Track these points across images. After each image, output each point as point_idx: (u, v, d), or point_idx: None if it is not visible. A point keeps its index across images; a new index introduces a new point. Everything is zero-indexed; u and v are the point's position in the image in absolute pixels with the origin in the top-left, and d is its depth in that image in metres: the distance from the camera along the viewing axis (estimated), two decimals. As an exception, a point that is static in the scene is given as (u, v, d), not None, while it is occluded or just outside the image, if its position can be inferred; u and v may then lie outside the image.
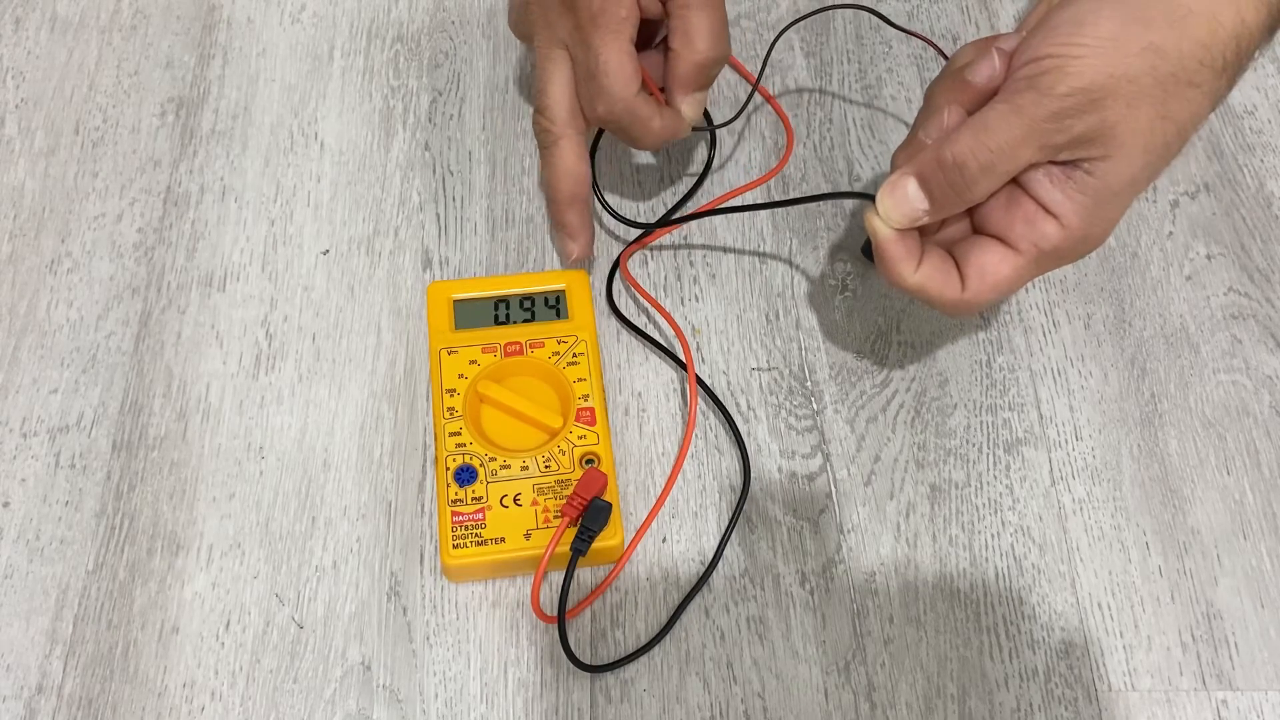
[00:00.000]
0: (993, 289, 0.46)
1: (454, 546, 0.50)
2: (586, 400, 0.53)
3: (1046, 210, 0.45)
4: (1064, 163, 0.44)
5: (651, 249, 0.60)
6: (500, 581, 0.51)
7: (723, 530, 0.52)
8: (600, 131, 0.60)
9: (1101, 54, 0.42)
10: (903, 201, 0.46)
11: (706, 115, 0.62)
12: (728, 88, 0.66)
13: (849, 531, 0.52)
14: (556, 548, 0.49)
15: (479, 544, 0.50)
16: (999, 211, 0.46)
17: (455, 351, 0.55)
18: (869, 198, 0.47)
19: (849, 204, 0.61)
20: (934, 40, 0.61)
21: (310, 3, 0.69)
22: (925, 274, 0.47)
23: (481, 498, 0.51)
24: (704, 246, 0.60)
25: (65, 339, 0.57)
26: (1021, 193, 0.45)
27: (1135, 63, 0.42)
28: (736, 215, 0.61)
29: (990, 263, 0.46)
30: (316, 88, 0.66)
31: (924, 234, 0.48)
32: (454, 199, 0.62)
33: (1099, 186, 0.44)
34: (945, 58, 0.51)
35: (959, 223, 0.48)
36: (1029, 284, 0.59)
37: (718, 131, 0.63)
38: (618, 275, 0.58)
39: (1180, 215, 0.61)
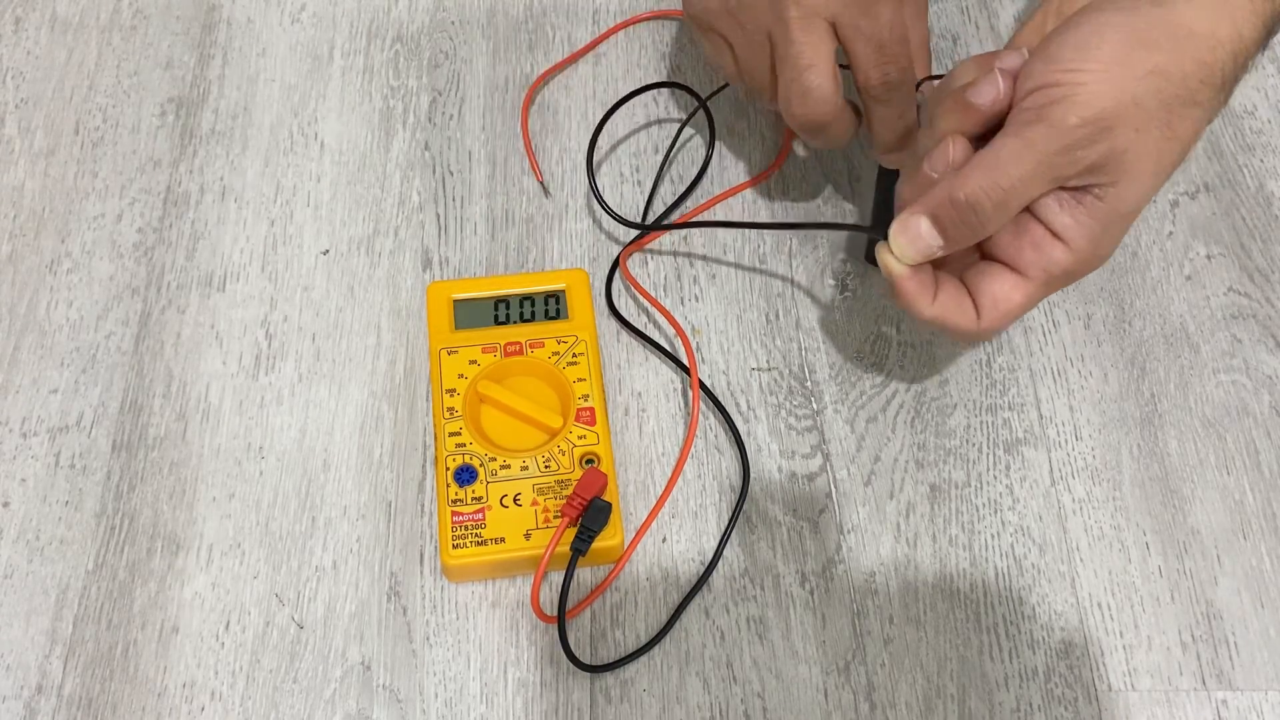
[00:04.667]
0: (1005, 316, 0.46)
1: (454, 546, 0.50)
2: (586, 400, 0.53)
3: (1055, 235, 0.45)
4: (1073, 188, 0.44)
5: (651, 249, 0.60)
6: (500, 581, 0.51)
7: (723, 530, 0.52)
8: (600, 125, 0.60)
9: (1107, 79, 0.42)
10: (916, 239, 0.45)
11: (709, 111, 0.61)
12: (728, 89, 0.65)
13: (849, 531, 0.52)
14: (556, 548, 0.49)
15: (479, 544, 0.50)
16: (1007, 238, 0.46)
17: (455, 351, 0.55)
18: (875, 232, 0.47)
19: (849, 206, 0.61)
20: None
21: (310, 3, 0.69)
22: (941, 306, 0.47)
23: (481, 498, 0.51)
24: (704, 246, 0.60)
25: (65, 339, 0.57)
26: (1029, 217, 0.45)
27: (1141, 87, 0.42)
28: (736, 215, 0.61)
29: (1002, 291, 0.46)
30: (316, 88, 0.66)
31: (934, 263, 0.48)
32: (454, 199, 0.62)
33: (1108, 210, 0.44)
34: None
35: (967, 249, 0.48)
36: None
37: (717, 129, 0.63)
38: (617, 275, 0.58)
39: (1180, 215, 0.61)
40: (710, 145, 0.62)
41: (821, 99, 0.51)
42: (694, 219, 0.60)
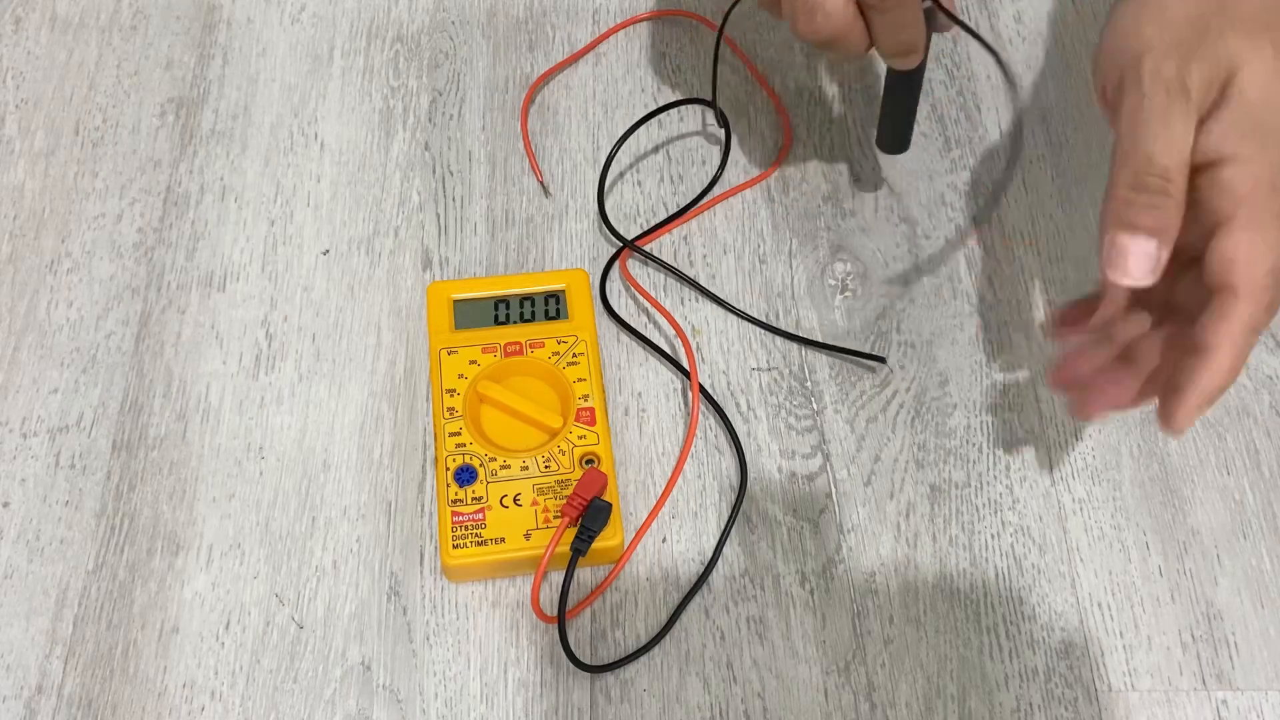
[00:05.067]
0: (1254, 265, 0.42)
1: (454, 546, 0.50)
2: (586, 400, 0.53)
3: (1216, 163, 0.42)
4: (1204, 114, 0.42)
5: (651, 249, 0.60)
6: (500, 581, 0.51)
7: (722, 530, 0.52)
8: (611, 156, 0.60)
9: (1134, 20, 0.43)
10: (1137, 250, 0.42)
11: (719, 110, 0.61)
12: (727, 89, 0.65)
13: (849, 531, 0.52)
14: (556, 548, 0.49)
15: (479, 544, 0.50)
16: (1185, 222, 0.43)
17: (455, 351, 0.55)
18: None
19: (848, 202, 0.61)
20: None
21: (310, 3, 0.69)
22: (1235, 343, 0.43)
23: (481, 498, 0.51)
24: (704, 245, 0.60)
25: (65, 339, 0.57)
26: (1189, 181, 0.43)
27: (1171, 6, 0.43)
28: (736, 215, 0.61)
29: (1228, 249, 0.42)
30: (316, 88, 0.66)
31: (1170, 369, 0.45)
32: (454, 199, 0.62)
33: (1244, 99, 0.42)
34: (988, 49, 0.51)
35: (1184, 278, 0.45)
36: (1033, 278, 0.59)
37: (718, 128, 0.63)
38: (616, 276, 0.58)
39: (1180, 215, 0.61)
40: (725, 153, 0.61)
41: (828, 14, 0.49)
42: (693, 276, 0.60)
